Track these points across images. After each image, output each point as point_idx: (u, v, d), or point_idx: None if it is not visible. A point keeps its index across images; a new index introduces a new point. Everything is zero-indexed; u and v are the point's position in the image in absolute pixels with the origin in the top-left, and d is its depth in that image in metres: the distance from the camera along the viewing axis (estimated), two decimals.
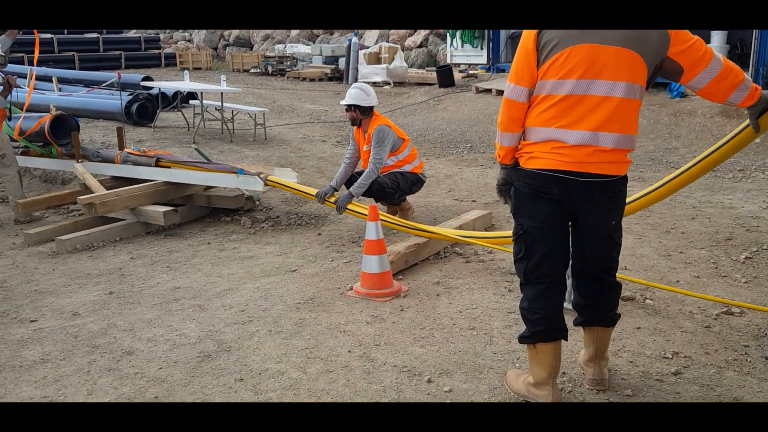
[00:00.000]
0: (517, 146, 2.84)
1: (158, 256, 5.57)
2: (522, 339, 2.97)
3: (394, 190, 5.71)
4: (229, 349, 3.64)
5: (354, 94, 5.69)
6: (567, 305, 3.18)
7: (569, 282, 3.19)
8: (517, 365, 3.35)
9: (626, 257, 4.87)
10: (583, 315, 3.07)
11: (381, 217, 5.09)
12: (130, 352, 3.69)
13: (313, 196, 5.76)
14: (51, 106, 7.55)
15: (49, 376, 3.43)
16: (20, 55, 19.98)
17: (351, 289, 4.45)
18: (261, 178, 5.95)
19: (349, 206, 5.48)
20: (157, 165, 6.73)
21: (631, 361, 3.38)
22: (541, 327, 2.86)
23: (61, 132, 7.41)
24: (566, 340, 2.96)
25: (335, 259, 5.17)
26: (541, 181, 2.71)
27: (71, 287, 4.89)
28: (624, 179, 2.78)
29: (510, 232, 4.86)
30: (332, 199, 5.61)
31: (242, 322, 4.02)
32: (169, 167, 6.66)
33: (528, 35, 2.69)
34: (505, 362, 3.39)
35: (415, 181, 5.87)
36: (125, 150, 7.11)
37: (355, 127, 5.91)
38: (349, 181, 5.77)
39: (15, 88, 6.98)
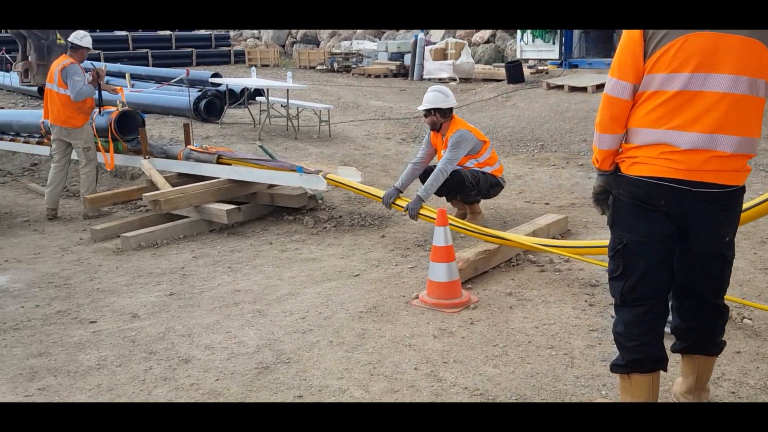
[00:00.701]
0: (617, 150, 2.50)
1: (220, 255, 5.46)
2: (615, 368, 2.64)
3: (472, 186, 5.45)
4: (288, 361, 3.44)
5: (432, 97, 5.46)
6: (665, 329, 2.81)
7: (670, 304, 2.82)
8: (603, 393, 3.02)
9: None
10: (683, 341, 2.71)
11: (449, 221, 4.82)
12: (186, 360, 3.54)
13: (375, 197, 5.54)
14: (117, 102, 7.58)
15: (103, 383, 3.30)
16: (97, 51, 20.61)
17: (416, 297, 4.19)
18: (321, 176, 5.78)
19: (422, 212, 5.21)
20: (218, 162, 6.65)
21: (733, 392, 2.99)
22: (638, 355, 2.53)
23: (127, 128, 7.43)
24: (665, 371, 2.62)
25: (399, 264, 4.92)
26: (646, 191, 2.37)
27: (133, 286, 4.82)
28: (742, 190, 2.42)
29: (593, 242, 4.52)
30: (399, 202, 5.37)
31: (302, 330, 3.81)
32: (230, 164, 6.57)
33: None
34: (589, 389, 3.06)
35: (494, 184, 5.62)
36: (188, 147, 7.07)
37: (432, 132, 5.65)
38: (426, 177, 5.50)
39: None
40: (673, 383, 2.96)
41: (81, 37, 6.92)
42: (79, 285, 4.91)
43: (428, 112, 5.49)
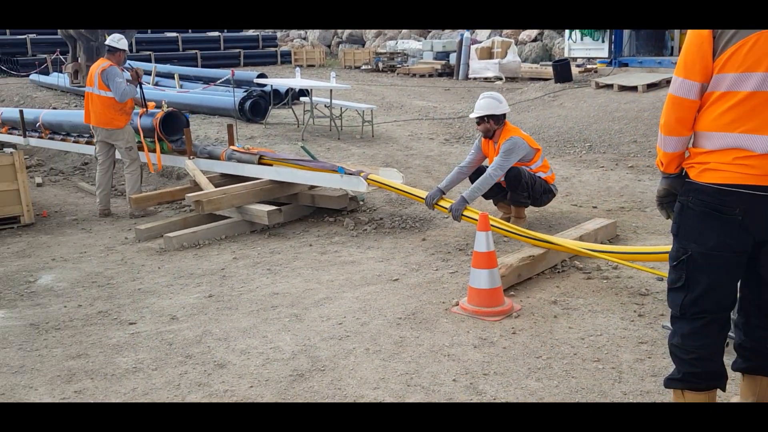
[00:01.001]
0: (683, 153, 2.35)
1: (260, 257, 5.43)
2: (669, 382, 2.47)
3: (527, 186, 5.33)
4: (323, 369, 3.37)
5: (485, 104, 5.33)
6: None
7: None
8: None
9: None
10: (746, 360, 2.52)
11: (492, 223, 4.70)
12: (222, 365, 3.50)
13: (418, 197, 5.45)
14: (162, 103, 7.67)
15: (138, 388, 3.29)
16: (147, 53, 21.04)
17: (457, 304, 4.07)
18: (362, 177, 5.71)
19: (465, 213, 5.10)
20: (259, 162, 6.65)
21: None
22: (695, 369, 2.37)
23: (172, 128, 7.51)
24: (724, 390, 2.44)
25: (440, 269, 4.81)
26: (719, 199, 2.21)
27: (173, 287, 4.83)
28: None
29: (646, 248, 4.32)
30: (442, 203, 5.26)
31: (339, 337, 3.74)
32: (271, 165, 6.56)
33: None
34: None
35: (547, 191, 5.50)
36: (230, 147, 7.10)
37: (483, 138, 5.52)
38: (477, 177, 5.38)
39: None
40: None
41: (117, 40, 7.07)
42: (121, 285, 4.94)
43: (481, 120, 5.36)
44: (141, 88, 7.34)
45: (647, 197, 6.42)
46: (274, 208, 6.10)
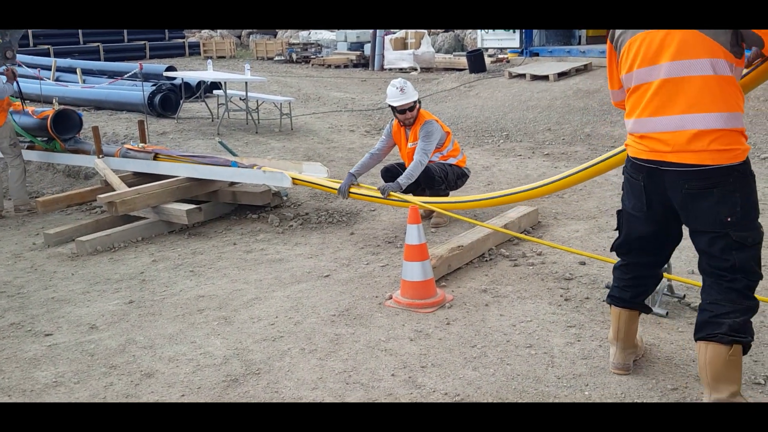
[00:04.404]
0: None
1: (181, 258, 5.23)
2: (606, 297, 3.14)
3: (442, 180, 5.39)
4: (258, 372, 3.27)
5: (410, 89, 5.36)
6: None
7: None
8: (586, 393, 2.93)
9: (692, 258, 4.40)
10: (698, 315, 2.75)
11: (424, 202, 5.00)
12: (149, 374, 3.34)
13: (330, 189, 5.42)
14: (54, 101, 7.33)
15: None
16: (46, 47, 19.88)
17: (390, 297, 4.06)
18: (286, 174, 5.63)
19: (393, 194, 5.16)
20: (154, 160, 6.52)
21: None
22: (615, 293, 3.02)
23: (65, 127, 7.27)
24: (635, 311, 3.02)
25: (371, 263, 4.78)
26: (632, 169, 2.82)
27: (90, 294, 4.57)
28: (722, 170, 2.51)
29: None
30: (357, 190, 5.29)
31: (272, 338, 3.64)
32: (167, 162, 6.42)
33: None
34: (571, 389, 2.97)
35: (460, 175, 5.60)
36: (124, 146, 6.90)
37: (395, 124, 5.54)
38: (392, 176, 5.39)
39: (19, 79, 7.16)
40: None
41: None
42: (33, 294, 4.64)
43: (412, 106, 5.37)
44: (19, 85, 7.14)
45: None
46: (193, 206, 5.89)
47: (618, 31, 2.68)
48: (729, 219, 2.48)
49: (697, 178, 2.48)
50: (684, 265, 4.31)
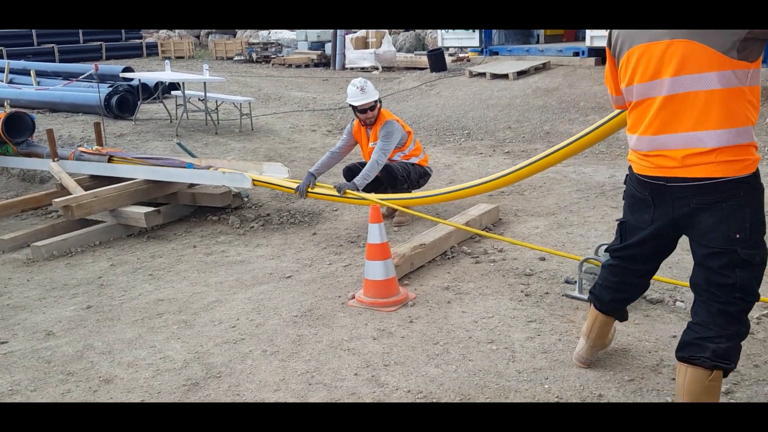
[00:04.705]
0: None
1: (140, 262, 5.14)
2: (588, 294, 3.14)
3: (404, 179, 5.41)
4: (219, 375, 3.24)
5: (370, 89, 5.37)
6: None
7: None
8: (546, 387, 2.97)
9: None
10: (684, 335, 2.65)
11: (389, 203, 5.06)
12: (108, 380, 3.28)
13: (288, 189, 5.39)
14: (6, 103, 7.15)
15: None
16: None
17: (353, 297, 4.05)
18: (246, 175, 5.57)
19: (349, 192, 5.17)
20: (109, 162, 6.46)
21: (673, 378, 3.00)
22: (598, 293, 3.00)
23: (17, 130, 7.11)
24: (618, 319, 3.06)
25: (333, 263, 4.77)
26: (635, 184, 2.75)
27: (46, 300, 4.47)
28: (729, 183, 2.35)
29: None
30: (316, 189, 5.24)
31: (233, 340, 3.61)
32: (123, 164, 6.33)
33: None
34: (531, 383, 3.01)
35: (422, 174, 5.62)
36: (79, 149, 6.77)
37: (356, 123, 5.54)
38: (353, 175, 5.39)
39: None
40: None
41: None
42: None
43: (373, 106, 5.38)
44: None
45: (524, 181, 6.69)
46: (151, 209, 5.81)
47: (615, 39, 2.54)
48: (738, 235, 2.34)
49: (706, 192, 2.35)
50: None
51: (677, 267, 4.30)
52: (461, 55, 15.40)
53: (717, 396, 2.53)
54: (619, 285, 2.87)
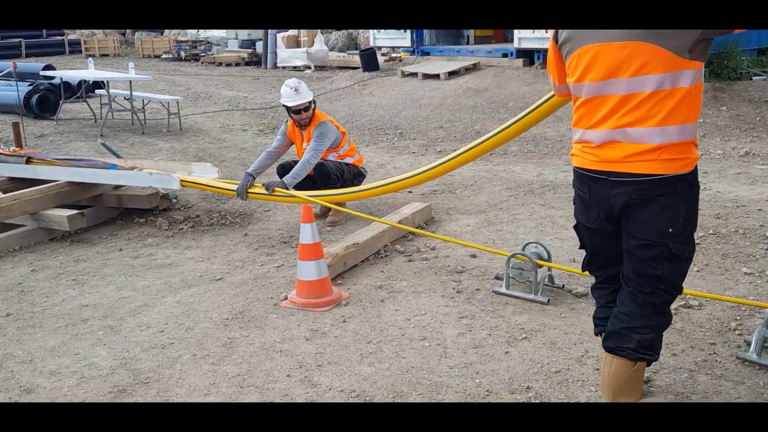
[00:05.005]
0: None
1: (63, 267, 4.95)
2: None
3: (337, 178, 5.40)
4: (147, 381, 3.15)
5: (304, 89, 5.33)
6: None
7: None
8: (477, 381, 3.03)
9: (573, 248, 4.66)
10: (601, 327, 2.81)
11: (319, 200, 5.04)
12: (29, 389, 3.14)
13: (232, 192, 5.30)
14: None
15: None
16: None
17: (285, 298, 4.02)
18: (174, 176, 5.44)
19: (277, 190, 5.13)
20: (27, 164, 6.19)
21: (597, 369, 3.11)
22: (597, 314, 2.85)
23: None
24: None
25: (265, 264, 4.72)
26: (577, 179, 2.75)
27: None
28: (668, 180, 2.42)
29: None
30: (255, 190, 5.20)
31: (161, 345, 3.52)
32: (44, 166, 6.09)
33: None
34: (463, 378, 3.06)
35: (357, 174, 5.63)
36: None
37: (290, 124, 5.50)
38: (287, 173, 5.34)
39: None
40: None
41: None
42: None
43: (307, 106, 5.35)
44: None
45: (456, 180, 6.80)
46: (75, 212, 5.59)
47: (563, 35, 2.55)
48: (671, 230, 2.42)
49: (645, 186, 2.41)
50: (566, 255, 4.55)
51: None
52: (393, 54, 15.49)
53: (640, 384, 2.63)
54: (615, 294, 2.69)
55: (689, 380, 2.97)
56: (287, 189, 5.13)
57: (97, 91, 10.73)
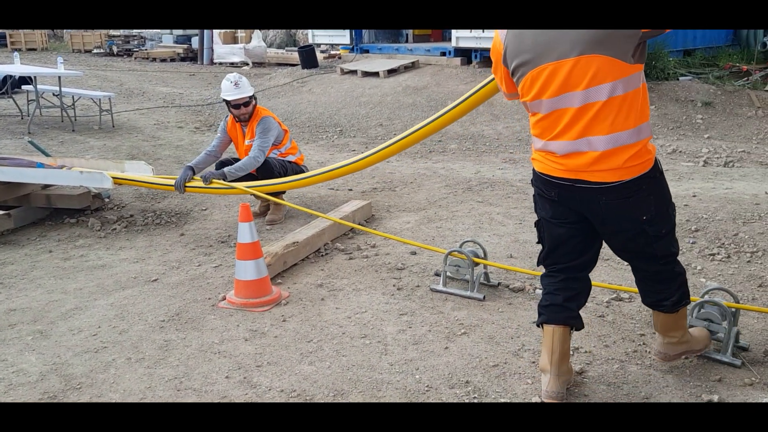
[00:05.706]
0: None
1: None
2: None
3: (281, 175, 5.33)
4: (79, 387, 3.05)
5: (245, 84, 5.26)
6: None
7: None
8: (417, 377, 3.06)
9: (510, 244, 4.75)
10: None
11: (256, 190, 5.00)
12: None
13: (170, 186, 5.18)
14: None
15: None
16: None
17: (224, 299, 3.96)
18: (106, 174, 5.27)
19: (215, 182, 5.04)
20: None
21: (533, 362, 3.19)
22: (544, 303, 2.91)
23: None
24: (574, 329, 2.93)
25: (203, 264, 4.63)
26: (541, 184, 2.86)
27: None
28: (633, 182, 2.60)
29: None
30: (195, 183, 5.10)
31: (94, 349, 3.41)
32: None
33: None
34: (404, 374, 3.08)
35: (298, 172, 5.58)
36: None
37: (230, 120, 5.42)
38: (224, 167, 5.27)
39: None
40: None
41: None
42: None
43: (248, 101, 5.27)
44: None
45: (396, 177, 6.84)
46: (1, 212, 5.35)
47: (506, 52, 2.64)
48: (644, 218, 2.63)
49: (613, 192, 2.57)
50: (503, 251, 4.63)
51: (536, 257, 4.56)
52: (333, 52, 15.46)
53: (685, 319, 2.99)
54: (563, 283, 2.87)
55: (620, 370, 3.08)
56: (226, 179, 5.05)
57: (24, 87, 10.30)
